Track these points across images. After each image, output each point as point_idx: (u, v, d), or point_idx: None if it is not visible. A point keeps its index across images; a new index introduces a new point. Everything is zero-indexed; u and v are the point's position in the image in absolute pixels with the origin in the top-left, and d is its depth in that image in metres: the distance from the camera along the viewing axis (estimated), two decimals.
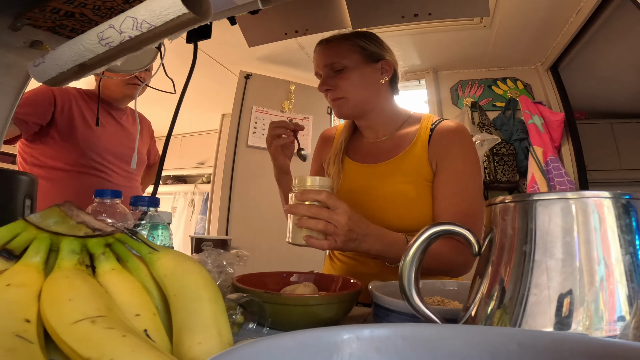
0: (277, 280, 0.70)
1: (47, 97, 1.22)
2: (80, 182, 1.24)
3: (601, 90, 2.23)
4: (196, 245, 0.94)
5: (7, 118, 0.73)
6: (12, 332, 0.25)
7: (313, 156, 1.08)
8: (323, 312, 0.54)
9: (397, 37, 2.06)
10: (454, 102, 2.45)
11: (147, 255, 0.37)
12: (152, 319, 0.31)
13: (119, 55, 0.52)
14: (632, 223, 0.30)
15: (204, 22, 0.47)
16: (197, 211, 3.56)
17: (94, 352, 0.23)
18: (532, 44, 2.09)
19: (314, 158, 1.07)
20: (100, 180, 1.27)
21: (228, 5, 0.63)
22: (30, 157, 1.24)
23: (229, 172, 2.39)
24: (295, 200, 0.63)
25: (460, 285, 0.65)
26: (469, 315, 0.35)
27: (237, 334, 0.49)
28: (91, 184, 1.24)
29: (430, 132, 0.86)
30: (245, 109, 2.46)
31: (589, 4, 1.65)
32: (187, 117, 3.27)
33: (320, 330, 0.23)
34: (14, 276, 0.30)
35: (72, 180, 1.23)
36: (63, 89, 1.26)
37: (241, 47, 2.18)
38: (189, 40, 0.75)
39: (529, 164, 2.12)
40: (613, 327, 0.27)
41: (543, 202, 0.32)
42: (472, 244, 0.37)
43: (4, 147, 0.89)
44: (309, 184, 0.64)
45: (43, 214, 0.36)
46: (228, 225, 2.33)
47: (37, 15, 0.62)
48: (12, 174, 0.59)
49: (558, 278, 0.29)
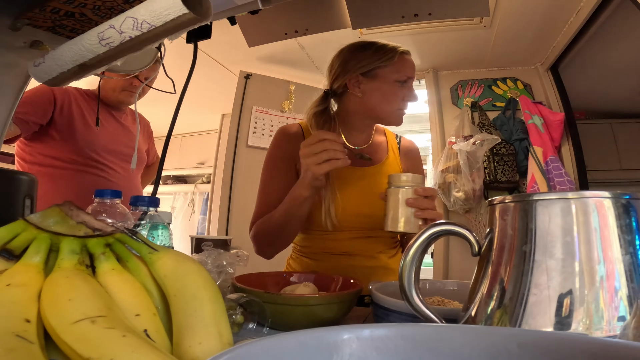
0: (277, 280, 0.70)
1: (47, 96, 1.22)
2: (80, 180, 1.24)
3: (601, 90, 2.23)
4: (196, 245, 0.94)
5: (7, 118, 0.73)
6: (12, 332, 0.25)
7: (277, 155, 0.95)
8: (323, 312, 0.54)
9: (397, 37, 2.06)
10: (454, 102, 2.45)
11: (147, 255, 0.37)
12: (152, 319, 0.31)
13: (119, 56, 0.52)
14: (632, 223, 0.30)
15: (204, 22, 0.47)
16: (197, 211, 3.56)
17: (94, 352, 0.23)
18: (532, 44, 2.09)
19: (281, 157, 0.94)
20: (99, 178, 1.27)
21: (228, 5, 0.63)
22: (29, 155, 1.25)
23: (229, 172, 2.38)
24: (414, 194, 0.71)
25: (460, 285, 0.65)
26: (469, 315, 0.35)
27: (237, 334, 0.49)
28: (90, 182, 1.25)
29: (398, 145, 1.02)
30: (245, 109, 2.46)
31: (589, 4, 1.65)
32: (187, 117, 3.26)
33: (320, 330, 0.23)
34: (14, 276, 0.30)
35: (72, 178, 1.23)
36: (63, 89, 1.27)
37: (241, 47, 2.18)
38: (189, 40, 0.75)
39: (529, 164, 2.12)
40: (613, 327, 0.27)
41: (543, 202, 0.32)
42: (472, 244, 0.37)
43: (3, 147, 0.89)
44: (419, 181, 0.73)
45: (43, 214, 0.36)
46: (228, 225, 2.33)
47: (37, 15, 0.62)
48: (12, 174, 0.59)
49: (558, 278, 0.29)
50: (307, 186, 0.78)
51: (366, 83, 0.90)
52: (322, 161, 0.73)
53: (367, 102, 0.91)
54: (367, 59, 0.89)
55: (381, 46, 0.90)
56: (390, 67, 0.89)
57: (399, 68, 0.89)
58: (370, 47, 0.90)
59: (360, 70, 0.89)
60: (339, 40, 0.96)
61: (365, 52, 0.90)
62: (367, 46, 0.91)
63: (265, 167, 0.97)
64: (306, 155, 0.75)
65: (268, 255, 0.95)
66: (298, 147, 0.85)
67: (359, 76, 0.90)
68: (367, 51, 0.90)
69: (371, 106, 0.91)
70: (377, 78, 0.89)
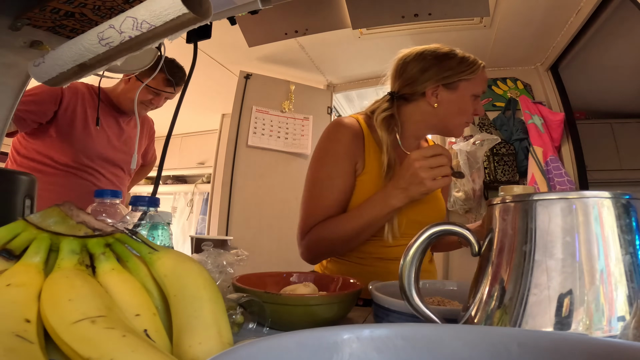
0: (277, 280, 0.69)
1: (54, 95, 1.22)
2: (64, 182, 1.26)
3: (601, 90, 2.23)
4: (196, 245, 0.94)
5: (7, 118, 0.73)
6: (12, 332, 0.25)
7: (338, 151, 0.86)
8: (323, 312, 0.54)
9: (397, 37, 2.06)
10: None
11: (147, 255, 0.37)
12: (152, 319, 0.31)
13: (119, 55, 0.52)
14: (632, 223, 0.30)
15: (204, 22, 0.47)
16: (196, 211, 3.56)
17: (94, 352, 0.23)
18: (532, 44, 2.09)
19: (343, 154, 0.86)
20: (85, 183, 1.29)
21: (228, 5, 0.63)
22: (24, 149, 1.25)
23: (229, 172, 2.38)
24: None
25: (460, 285, 0.65)
26: (469, 315, 0.35)
27: (237, 334, 0.49)
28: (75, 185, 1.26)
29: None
30: (245, 109, 2.46)
31: (589, 4, 1.65)
32: (187, 117, 3.26)
33: (320, 330, 0.23)
34: (14, 276, 0.30)
35: (59, 179, 1.25)
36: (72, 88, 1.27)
37: (241, 47, 2.18)
38: (189, 40, 0.75)
39: (529, 164, 2.12)
40: (613, 327, 0.27)
41: (543, 202, 0.32)
42: (472, 244, 0.37)
43: (3, 147, 0.89)
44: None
45: (43, 214, 0.36)
46: (228, 225, 2.33)
47: (37, 15, 0.62)
48: (12, 174, 0.59)
49: (558, 278, 0.29)
50: (407, 198, 0.75)
51: (445, 94, 0.86)
52: (439, 177, 0.72)
53: (440, 113, 0.87)
54: (451, 70, 0.86)
55: (465, 58, 0.87)
56: (472, 81, 0.87)
57: (479, 82, 0.88)
58: (453, 57, 0.87)
59: (444, 80, 0.86)
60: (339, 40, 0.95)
61: (449, 62, 0.86)
62: (450, 56, 0.87)
63: (321, 163, 0.87)
64: (423, 168, 0.72)
65: (317, 261, 0.91)
66: (360, 145, 0.84)
67: (440, 86, 0.86)
68: (450, 61, 0.86)
69: (442, 117, 0.88)
70: (457, 90, 0.86)
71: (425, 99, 0.88)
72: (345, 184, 0.84)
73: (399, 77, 0.91)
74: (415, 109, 0.90)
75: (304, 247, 0.86)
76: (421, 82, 0.87)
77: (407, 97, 0.90)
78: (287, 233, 2.41)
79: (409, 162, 0.74)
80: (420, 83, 0.87)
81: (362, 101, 3.47)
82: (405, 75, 0.89)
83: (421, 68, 0.87)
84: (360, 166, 0.86)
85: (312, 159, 0.89)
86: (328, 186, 0.85)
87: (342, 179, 0.84)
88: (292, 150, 2.49)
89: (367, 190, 0.84)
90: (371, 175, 0.85)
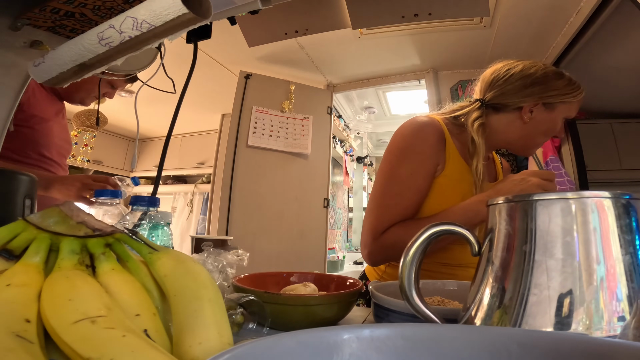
0: (277, 280, 0.70)
1: None
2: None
3: (601, 90, 2.23)
4: (196, 245, 0.94)
5: (7, 118, 0.73)
6: (12, 332, 0.25)
7: (424, 150, 0.82)
8: (323, 312, 0.54)
9: (397, 37, 2.06)
10: (454, 102, 2.45)
11: (147, 255, 0.37)
12: (152, 319, 0.31)
13: (119, 55, 0.52)
14: (632, 223, 0.30)
15: (204, 22, 0.47)
16: (196, 211, 3.56)
17: (94, 352, 0.23)
18: (532, 44, 2.09)
19: (429, 154, 0.82)
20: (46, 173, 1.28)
21: (228, 5, 0.63)
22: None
23: (229, 172, 2.38)
24: None
25: (460, 285, 0.65)
26: (469, 315, 0.35)
27: (237, 334, 0.49)
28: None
29: (501, 164, 1.03)
30: (245, 109, 2.46)
31: (589, 4, 1.65)
32: (187, 117, 3.27)
33: (320, 330, 0.23)
34: (14, 276, 0.30)
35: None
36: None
37: (241, 47, 2.18)
38: (189, 40, 0.75)
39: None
40: (613, 327, 0.27)
41: (543, 202, 0.32)
42: (472, 244, 0.37)
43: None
44: None
45: (43, 214, 0.36)
46: (228, 225, 2.33)
47: (37, 15, 0.62)
48: (12, 174, 0.59)
49: (558, 278, 0.29)
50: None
51: (541, 112, 0.84)
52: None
53: (527, 129, 0.85)
54: (558, 90, 0.83)
55: (572, 81, 0.85)
56: (570, 105, 0.85)
57: (575, 107, 0.85)
58: (561, 77, 0.85)
59: (546, 99, 0.83)
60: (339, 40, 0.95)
61: (557, 83, 0.84)
62: (560, 76, 0.85)
63: (402, 161, 0.81)
64: (538, 186, 0.74)
65: (383, 264, 0.89)
66: (442, 147, 0.83)
67: (540, 104, 0.84)
68: (559, 82, 0.84)
69: (527, 133, 0.86)
70: (554, 110, 0.84)
71: (518, 113, 0.86)
72: (426, 185, 0.81)
73: (494, 87, 0.88)
74: (501, 120, 0.88)
75: (377, 247, 0.80)
76: (521, 96, 0.84)
77: (497, 107, 0.88)
78: (287, 233, 2.42)
79: (525, 177, 0.75)
80: (520, 97, 0.85)
81: (362, 101, 3.47)
82: (504, 86, 0.86)
83: (527, 83, 0.84)
84: (440, 168, 0.83)
85: (391, 154, 0.83)
86: (410, 185, 0.80)
87: (424, 179, 0.81)
88: (292, 151, 2.49)
89: (442, 193, 0.82)
90: (450, 179, 0.83)
